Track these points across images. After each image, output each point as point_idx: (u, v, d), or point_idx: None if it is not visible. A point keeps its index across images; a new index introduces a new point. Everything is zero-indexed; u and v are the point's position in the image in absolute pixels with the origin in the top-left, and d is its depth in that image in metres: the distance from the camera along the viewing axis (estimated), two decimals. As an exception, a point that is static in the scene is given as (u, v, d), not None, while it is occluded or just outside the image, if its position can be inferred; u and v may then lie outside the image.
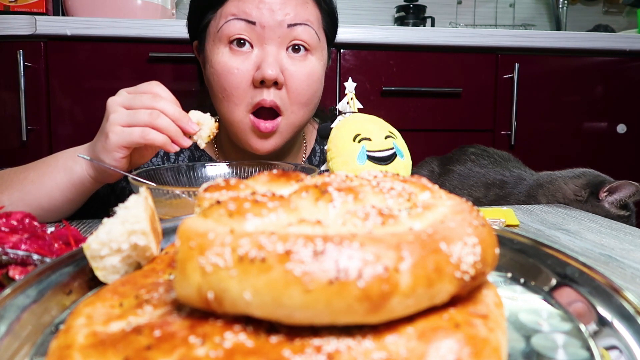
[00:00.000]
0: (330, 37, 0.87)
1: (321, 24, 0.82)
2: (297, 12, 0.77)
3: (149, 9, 1.52)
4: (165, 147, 0.64)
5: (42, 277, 0.33)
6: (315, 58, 0.80)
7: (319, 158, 0.96)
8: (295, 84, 0.77)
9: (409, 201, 0.29)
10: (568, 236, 0.63)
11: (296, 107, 0.79)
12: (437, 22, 2.19)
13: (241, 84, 0.76)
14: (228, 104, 0.78)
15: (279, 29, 0.75)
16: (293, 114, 0.79)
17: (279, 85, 0.76)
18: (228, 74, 0.76)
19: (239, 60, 0.76)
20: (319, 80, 0.82)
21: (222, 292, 0.23)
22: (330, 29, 0.85)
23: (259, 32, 0.75)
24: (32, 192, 0.69)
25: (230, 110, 0.78)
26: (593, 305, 0.31)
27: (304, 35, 0.77)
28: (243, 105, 0.77)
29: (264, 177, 0.34)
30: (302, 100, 0.79)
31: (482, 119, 1.64)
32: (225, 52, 0.77)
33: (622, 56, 1.68)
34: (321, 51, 0.82)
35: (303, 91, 0.78)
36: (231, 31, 0.76)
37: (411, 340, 0.23)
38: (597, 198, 0.98)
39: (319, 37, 0.80)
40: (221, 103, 0.79)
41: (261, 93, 0.76)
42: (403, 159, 0.57)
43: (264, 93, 0.76)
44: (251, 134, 0.79)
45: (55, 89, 1.42)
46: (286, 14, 0.76)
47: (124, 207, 0.33)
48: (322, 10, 0.82)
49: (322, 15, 0.82)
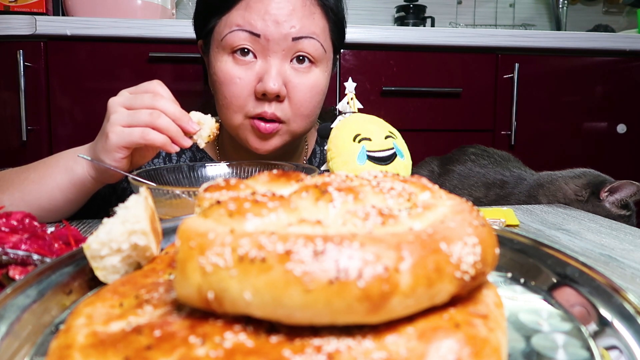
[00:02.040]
0: (338, 46, 0.85)
1: (328, 34, 0.80)
2: (303, 24, 0.75)
3: (149, 9, 1.52)
4: (166, 147, 0.64)
5: (42, 277, 0.33)
6: (320, 70, 0.79)
7: (319, 159, 0.96)
8: (298, 96, 0.77)
9: (409, 201, 0.29)
10: (568, 236, 0.63)
11: (298, 118, 0.78)
12: (437, 22, 2.19)
13: (242, 94, 0.75)
14: (228, 111, 0.78)
15: (284, 42, 0.74)
16: (294, 124, 0.79)
17: (280, 98, 0.76)
18: (230, 83, 0.76)
19: (241, 70, 0.75)
20: (322, 93, 0.81)
21: (222, 292, 0.23)
22: (337, 38, 0.83)
23: (264, 44, 0.74)
24: (32, 192, 0.69)
25: (230, 117, 0.78)
26: (593, 305, 0.31)
27: (309, 48, 0.76)
28: (243, 113, 0.77)
29: (264, 177, 0.34)
30: (304, 112, 0.78)
31: (482, 119, 1.64)
32: (229, 61, 0.76)
33: (622, 56, 1.68)
34: (326, 63, 0.81)
35: (306, 103, 0.78)
36: (235, 41, 0.75)
37: (411, 340, 0.23)
38: (598, 198, 0.98)
39: (325, 49, 0.79)
40: (221, 109, 0.79)
41: (262, 106, 0.75)
42: (403, 159, 0.57)
43: (265, 106, 0.75)
44: (251, 135, 0.78)
45: (55, 89, 1.42)
46: (292, 26, 0.74)
47: (124, 207, 0.33)
48: (330, 21, 0.80)
49: (329, 25, 0.80)
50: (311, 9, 0.76)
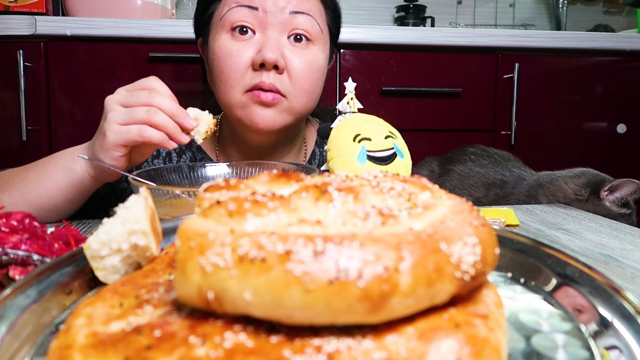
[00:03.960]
0: (334, 34, 0.87)
1: (324, 17, 0.82)
2: (300, 1, 0.77)
3: (149, 9, 1.52)
4: (163, 144, 0.64)
5: (42, 277, 0.33)
6: (318, 48, 0.80)
7: (318, 160, 0.95)
8: (297, 69, 0.77)
9: (409, 201, 0.29)
10: (568, 236, 0.63)
11: (299, 92, 0.77)
12: (437, 22, 2.19)
13: (239, 66, 0.75)
14: (225, 87, 0.77)
15: (281, 14, 0.76)
16: (296, 99, 0.78)
17: (279, 70, 0.75)
18: (227, 56, 0.76)
19: (240, 45, 0.76)
20: (321, 70, 0.81)
21: (222, 292, 0.23)
22: (333, 24, 0.85)
23: (261, 17, 0.76)
24: (32, 192, 0.69)
25: (227, 93, 0.77)
26: (593, 305, 0.31)
27: (305, 24, 0.77)
28: (240, 87, 0.76)
29: (264, 177, 0.34)
30: (304, 85, 0.78)
31: (482, 119, 1.64)
32: (227, 38, 0.77)
33: (622, 56, 1.68)
34: (324, 44, 0.82)
35: (305, 76, 0.78)
36: (234, 18, 0.76)
37: (411, 340, 0.23)
38: (597, 197, 0.98)
39: (322, 29, 0.80)
40: (218, 87, 0.78)
41: (260, 75, 0.75)
42: (403, 159, 0.57)
43: (263, 75, 0.75)
44: (251, 109, 0.76)
45: (55, 89, 1.42)
46: (288, 1, 0.76)
47: (124, 207, 0.33)
48: (326, 5, 0.83)
49: (325, 9, 0.82)
50: None
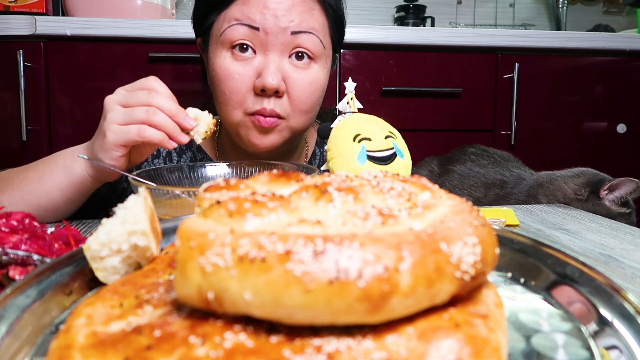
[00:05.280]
0: (337, 43, 0.85)
1: (327, 31, 0.80)
2: (302, 19, 0.75)
3: (149, 9, 1.52)
4: (163, 144, 0.64)
5: (42, 277, 0.33)
6: (319, 66, 0.79)
7: (318, 161, 0.95)
8: (297, 92, 0.76)
9: (409, 201, 0.29)
10: (568, 236, 0.63)
11: (297, 114, 0.78)
12: (437, 22, 2.19)
13: (241, 89, 0.75)
14: (227, 108, 0.77)
15: (283, 35, 0.74)
16: (294, 120, 0.78)
17: (279, 94, 0.75)
18: (229, 78, 0.75)
19: (240, 66, 0.75)
20: (321, 89, 0.81)
21: (222, 292, 0.23)
22: (336, 35, 0.83)
23: (262, 38, 0.74)
24: (31, 192, 0.69)
25: (229, 113, 0.77)
26: (593, 305, 0.31)
27: (307, 43, 0.76)
28: (241, 109, 0.76)
29: (264, 177, 0.34)
30: (303, 108, 0.78)
31: (482, 119, 1.64)
32: (227, 57, 0.76)
33: (622, 56, 1.68)
34: (325, 59, 0.80)
35: (305, 99, 0.77)
36: (234, 36, 0.74)
37: (411, 340, 0.23)
38: (597, 196, 0.98)
39: (324, 45, 0.78)
40: (220, 105, 0.79)
41: (261, 102, 0.75)
42: (403, 159, 0.57)
43: (264, 102, 0.75)
44: (251, 130, 0.77)
45: (55, 89, 1.42)
46: (291, 20, 0.74)
47: (124, 208, 0.33)
48: (329, 17, 0.80)
49: (328, 22, 0.80)
50: (310, 4, 0.76)
